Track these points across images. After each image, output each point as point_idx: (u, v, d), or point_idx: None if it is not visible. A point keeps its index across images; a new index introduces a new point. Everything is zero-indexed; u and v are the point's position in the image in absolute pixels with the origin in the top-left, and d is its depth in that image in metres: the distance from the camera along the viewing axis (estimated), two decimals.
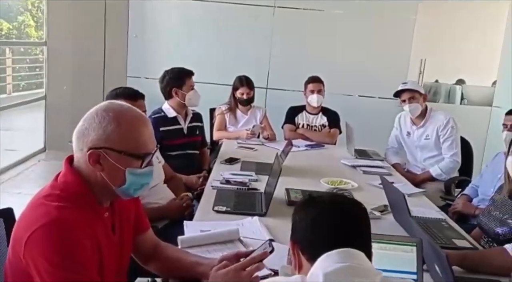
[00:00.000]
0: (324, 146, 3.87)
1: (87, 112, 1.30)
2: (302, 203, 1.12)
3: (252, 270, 1.28)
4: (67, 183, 1.27)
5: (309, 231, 1.04)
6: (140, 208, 1.55)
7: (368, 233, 1.06)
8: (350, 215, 1.05)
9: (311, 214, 1.05)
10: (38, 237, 1.15)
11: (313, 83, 3.97)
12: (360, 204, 1.12)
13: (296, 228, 1.09)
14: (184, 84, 3.12)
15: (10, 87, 7.19)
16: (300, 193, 2.46)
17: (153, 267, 1.56)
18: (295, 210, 1.11)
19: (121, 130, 1.25)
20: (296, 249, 1.05)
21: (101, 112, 1.27)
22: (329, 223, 1.03)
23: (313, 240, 1.03)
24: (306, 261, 1.01)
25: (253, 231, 1.92)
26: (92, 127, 1.25)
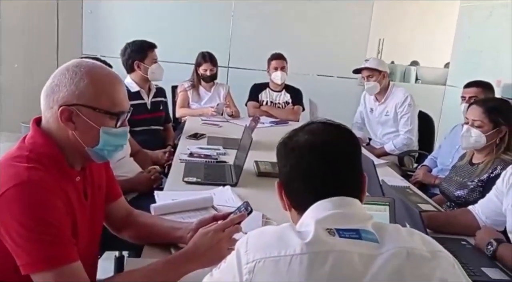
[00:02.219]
0: (288, 122, 3.89)
1: (56, 70, 1.23)
2: (280, 146, 1.01)
3: (231, 231, 1.28)
4: (36, 144, 1.20)
5: (289, 180, 0.97)
6: (111, 175, 1.50)
7: (358, 168, 0.97)
8: (335, 159, 0.94)
9: (291, 162, 0.96)
10: (8, 199, 1.09)
11: (276, 60, 3.97)
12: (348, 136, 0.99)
13: (280, 169, 1.00)
14: (147, 57, 3.03)
15: None
16: (269, 164, 2.47)
17: (127, 235, 1.52)
18: (277, 150, 1.02)
19: (95, 86, 1.19)
20: (282, 192, 1.00)
21: (73, 68, 1.20)
22: (312, 173, 0.94)
23: (295, 191, 0.97)
24: (293, 208, 0.99)
25: (226, 199, 1.91)
26: (63, 83, 1.18)
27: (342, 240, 0.84)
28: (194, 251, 1.24)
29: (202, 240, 1.25)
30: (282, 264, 0.80)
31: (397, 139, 3.52)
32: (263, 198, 2.02)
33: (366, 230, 0.87)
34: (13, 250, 1.10)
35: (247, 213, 1.33)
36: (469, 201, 2.01)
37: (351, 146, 0.99)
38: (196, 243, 1.25)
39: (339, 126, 1.01)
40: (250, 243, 0.85)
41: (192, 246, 1.25)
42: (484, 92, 2.80)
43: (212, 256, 1.24)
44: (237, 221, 1.30)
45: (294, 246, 0.81)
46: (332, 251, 0.81)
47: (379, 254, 0.83)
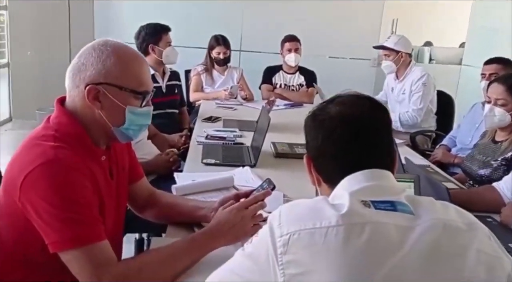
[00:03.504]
0: (303, 105, 3.86)
1: (83, 48, 1.22)
2: (309, 119, 0.98)
3: (255, 208, 1.27)
4: (61, 123, 1.20)
5: (320, 154, 0.94)
6: (133, 156, 1.50)
7: (390, 141, 0.94)
8: (368, 131, 0.91)
9: (322, 134, 0.93)
10: (35, 177, 1.09)
11: (290, 42, 3.92)
12: (380, 109, 0.95)
13: (308, 144, 0.97)
14: (161, 40, 3.00)
15: None
16: (286, 145, 2.46)
17: (150, 214, 1.52)
18: (306, 123, 0.98)
19: (122, 65, 1.19)
20: (311, 167, 0.98)
21: (99, 47, 1.19)
22: (344, 145, 0.91)
23: (326, 165, 0.94)
24: (323, 182, 0.97)
25: (246, 180, 1.91)
26: (90, 62, 1.18)
27: (377, 212, 0.82)
28: (218, 229, 1.23)
29: (225, 217, 1.24)
30: (317, 236, 0.79)
31: (404, 114, 3.45)
32: (282, 178, 2.00)
33: (401, 202, 0.86)
34: (41, 228, 1.10)
35: (270, 189, 1.32)
36: (492, 180, 1.98)
37: (384, 118, 0.96)
38: (219, 221, 1.24)
39: (370, 98, 0.99)
40: (283, 216, 0.84)
41: (216, 224, 1.24)
42: (505, 68, 2.74)
43: (236, 233, 1.24)
44: (261, 198, 1.29)
45: (329, 217, 0.80)
46: (368, 222, 0.79)
47: (416, 225, 0.82)
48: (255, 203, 1.27)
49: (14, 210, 1.14)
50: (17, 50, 5.23)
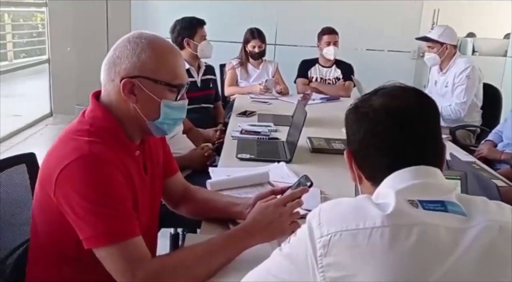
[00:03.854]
0: (339, 98, 3.77)
1: (117, 42, 1.21)
2: (353, 109, 0.92)
3: (293, 206, 1.22)
4: (96, 118, 1.19)
5: (363, 148, 0.88)
6: (168, 151, 1.48)
7: (438, 135, 0.88)
8: (415, 124, 0.84)
9: (365, 127, 0.87)
10: (70, 172, 1.08)
11: (328, 35, 3.83)
12: (428, 101, 0.89)
13: (349, 138, 0.92)
14: (196, 34, 2.99)
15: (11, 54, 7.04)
16: (323, 140, 2.40)
17: (184, 210, 1.50)
18: (347, 117, 0.93)
19: (157, 58, 1.17)
20: (352, 163, 0.93)
21: (134, 39, 1.17)
22: (387, 142, 0.85)
23: (370, 160, 0.88)
24: (365, 179, 0.91)
25: (281, 175, 1.86)
26: (125, 55, 1.16)
27: (426, 213, 0.76)
28: (254, 226, 1.19)
29: (262, 214, 1.20)
30: (361, 237, 0.73)
31: (446, 107, 3.31)
32: (319, 174, 1.95)
33: (452, 202, 0.79)
34: (75, 223, 1.09)
35: (307, 186, 1.27)
36: None
37: (432, 111, 0.89)
38: (256, 218, 1.20)
39: (417, 89, 0.92)
40: (323, 215, 0.79)
41: (252, 221, 1.21)
42: None
43: (273, 231, 1.20)
44: (298, 195, 1.24)
45: (373, 218, 0.75)
46: (416, 224, 0.74)
47: (468, 227, 0.75)
48: (293, 200, 1.22)
49: (49, 205, 1.14)
50: (57, 46, 5.36)
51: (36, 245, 1.26)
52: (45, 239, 1.22)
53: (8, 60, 6.77)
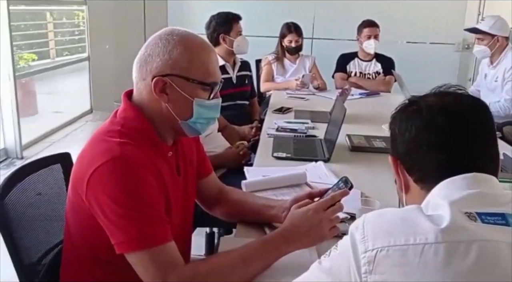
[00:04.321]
0: (379, 93, 3.65)
1: (149, 39, 1.17)
2: (401, 110, 0.87)
3: (334, 210, 1.15)
4: (128, 118, 1.15)
5: (414, 146, 0.82)
6: (202, 151, 1.43)
7: (495, 144, 0.82)
8: (470, 123, 0.79)
9: (416, 124, 0.81)
10: (101, 175, 1.05)
11: (369, 28, 3.71)
12: (484, 107, 0.84)
13: (396, 140, 0.86)
14: (232, 29, 2.94)
15: (53, 52, 7.23)
16: (362, 138, 2.30)
17: (219, 212, 1.45)
18: (393, 119, 0.87)
19: (189, 55, 1.12)
20: (399, 167, 0.86)
21: (165, 36, 1.13)
22: (443, 137, 0.78)
23: (422, 159, 0.81)
24: (414, 183, 0.84)
25: (319, 176, 1.79)
26: (156, 52, 1.12)
27: (485, 227, 0.67)
28: (293, 231, 1.13)
29: (301, 219, 1.13)
30: (411, 254, 0.66)
31: (495, 104, 3.13)
32: (358, 174, 1.86)
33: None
34: (106, 227, 1.06)
35: (348, 188, 1.19)
36: None
37: (488, 117, 0.82)
38: (294, 223, 1.14)
39: (472, 95, 0.86)
40: (368, 228, 0.71)
41: (290, 226, 1.14)
42: None
43: (313, 237, 1.13)
44: (338, 198, 1.17)
45: (425, 232, 0.67)
46: (475, 240, 0.65)
47: None
48: (333, 204, 1.15)
49: (81, 207, 1.11)
50: (96, 44, 5.44)
51: (69, 246, 1.24)
52: (77, 241, 1.20)
53: (51, 58, 6.97)
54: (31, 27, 5.82)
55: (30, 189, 1.33)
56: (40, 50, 5.92)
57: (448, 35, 5.17)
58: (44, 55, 6.17)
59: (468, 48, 5.23)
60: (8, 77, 3.90)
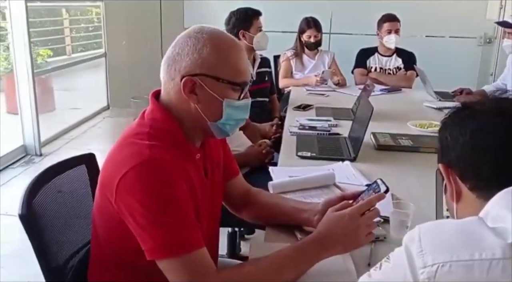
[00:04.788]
0: (401, 89, 3.57)
1: (177, 37, 1.13)
2: (454, 114, 0.84)
3: (371, 216, 1.10)
4: (156, 120, 1.12)
5: (469, 151, 0.78)
6: (229, 152, 1.40)
7: None
8: None
9: (471, 127, 0.78)
10: (131, 179, 1.02)
11: (390, 22, 3.63)
12: None
13: (447, 147, 0.83)
14: (252, 25, 2.88)
15: (69, 48, 7.26)
16: (388, 136, 2.24)
17: (247, 214, 1.41)
18: (444, 124, 0.85)
19: (219, 54, 1.08)
20: (451, 174, 0.82)
21: (195, 34, 1.09)
22: (501, 139, 0.75)
23: (477, 164, 0.77)
24: (469, 191, 0.79)
25: (347, 176, 1.74)
26: (185, 51, 1.08)
27: None
28: (328, 237, 1.08)
29: (337, 224, 1.09)
30: (477, 270, 0.61)
31: None
32: (386, 174, 1.79)
33: None
34: (137, 233, 1.03)
35: (383, 192, 1.14)
36: None
37: None
38: (329, 228, 1.09)
39: None
40: (425, 241, 0.67)
41: (325, 231, 1.10)
42: None
43: (348, 244, 1.09)
44: (375, 202, 1.12)
45: (492, 247, 0.62)
46: None
47: None
48: (369, 209, 1.11)
49: (109, 211, 1.09)
50: (113, 40, 5.44)
51: (96, 250, 1.22)
52: (105, 244, 1.18)
53: (67, 55, 7.00)
54: (47, 23, 5.84)
55: (57, 190, 1.32)
56: (56, 47, 5.94)
57: (469, 29, 5.06)
58: (60, 52, 6.20)
59: (490, 42, 5.11)
60: (27, 74, 3.91)
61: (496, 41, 5.10)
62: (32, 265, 1.21)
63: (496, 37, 5.09)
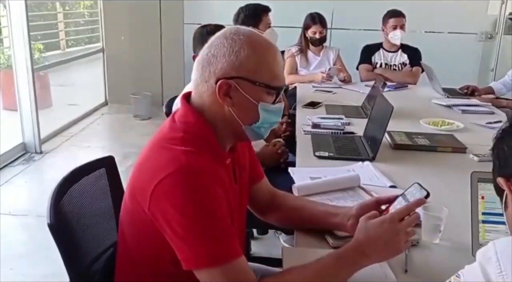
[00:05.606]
0: (407, 86, 3.55)
1: (213, 38, 1.09)
2: (509, 127, 0.80)
3: (411, 221, 1.07)
4: (189, 123, 1.08)
5: None
6: (254, 155, 1.36)
7: None
8: None
9: None
10: (168, 187, 0.98)
11: (395, 18, 3.60)
12: None
13: (506, 159, 0.79)
14: (261, 22, 2.86)
15: (63, 43, 7.14)
16: (404, 135, 2.22)
17: (274, 218, 1.38)
18: (500, 138, 0.81)
19: (257, 57, 1.04)
20: None
21: (231, 36, 1.05)
22: None
23: None
24: None
25: (369, 177, 1.71)
26: (222, 53, 1.04)
27: None
28: (369, 244, 1.05)
29: (377, 231, 1.05)
30: None
31: None
32: (406, 174, 1.80)
33: None
34: (173, 242, 1.00)
35: (423, 197, 1.11)
36: None
37: None
38: (370, 235, 1.06)
39: None
40: (505, 260, 0.63)
41: (365, 238, 1.06)
42: None
43: (389, 250, 1.06)
44: (414, 208, 1.09)
45: None
46: None
47: None
48: (408, 214, 1.08)
49: (142, 218, 1.05)
50: (111, 35, 5.34)
51: (124, 255, 1.18)
52: (136, 251, 1.14)
53: (61, 49, 6.88)
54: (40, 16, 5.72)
55: (79, 194, 1.28)
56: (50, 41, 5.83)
57: (470, 25, 5.05)
58: (52, 46, 6.08)
59: (491, 38, 5.11)
60: (26, 70, 3.82)
61: (497, 37, 5.10)
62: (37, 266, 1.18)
63: (497, 33, 5.09)
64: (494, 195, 1.22)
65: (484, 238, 1.20)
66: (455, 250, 1.26)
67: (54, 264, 2.24)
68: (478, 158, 1.96)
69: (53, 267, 2.24)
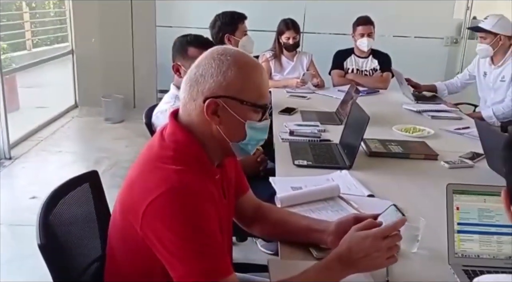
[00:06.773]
0: (379, 91, 3.65)
1: (200, 58, 1.12)
2: None
3: (393, 240, 1.12)
4: (179, 142, 1.10)
5: None
6: (239, 168, 1.39)
7: None
8: None
9: None
10: (160, 206, 1.00)
11: (363, 26, 3.69)
12: None
13: None
14: (237, 29, 2.88)
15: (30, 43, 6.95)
16: (378, 142, 2.29)
17: (258, 230, 1.42)
18: (506, 152, 0.81)
19: (243, 76, 1.08)
20: None
21: (219, 56, 1.08)
22: None
23: None
24: None
25: (348, 186, 1.76)
26: (209, 73, 1.07)
27: None
28: (349, 256, 1.10)
29: (360, 245, 1.10)
30: None
31: (498, 106, 3.20)
32: (382, 182, 1.86)
33: None
34: (165, 260, 1.02)
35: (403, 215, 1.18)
36: None
37: None
38: (351, 248, 1.11)
39: None
40: None
41: (346, 251, 1.11)
42: None
43: (368, 264, 1.11)
44: (399, 226, 1.15)
45: None
46: None
47: None
48: (391, 233, 1.13)
49: (133, 236, 1.06)
50: (81, 37, 5.25)
51: (114, 270, 1.19)
52: (125, 266, 1.15)
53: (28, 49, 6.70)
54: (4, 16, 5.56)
55: (66, 210, 1.28)
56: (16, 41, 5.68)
57: (435, 30, 5.22)
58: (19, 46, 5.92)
59: (456, 43, 5.30)
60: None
61: (462, 41, 5.30)
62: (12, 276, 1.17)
63: (462, 38, 5.28)
64: (468, 205, 1.29)
65: (460, 247, 1.28)
66: (433, 258, 1.33)
67: (31, 274, 2.23)
68: (449, 164, 2.06)
69: (28, 276, 2.22)
